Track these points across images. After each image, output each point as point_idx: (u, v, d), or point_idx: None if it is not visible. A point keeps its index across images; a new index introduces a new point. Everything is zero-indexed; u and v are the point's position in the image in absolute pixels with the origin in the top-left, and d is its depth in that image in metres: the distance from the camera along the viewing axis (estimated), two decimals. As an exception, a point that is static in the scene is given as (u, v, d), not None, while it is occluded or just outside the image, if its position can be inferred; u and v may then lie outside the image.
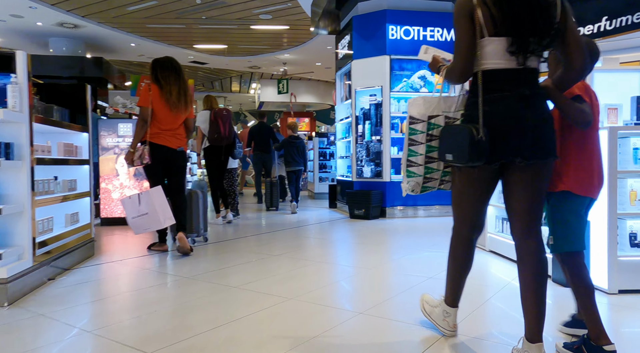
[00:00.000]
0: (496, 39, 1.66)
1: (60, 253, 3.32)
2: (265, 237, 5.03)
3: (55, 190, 3.43)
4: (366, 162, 6.71)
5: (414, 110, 1.88)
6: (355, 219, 6.44)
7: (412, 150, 1.90)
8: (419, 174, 1.93)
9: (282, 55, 13.58)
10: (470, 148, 1.62)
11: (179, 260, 3.84)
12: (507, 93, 1.67)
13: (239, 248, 4.32)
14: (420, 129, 1.87)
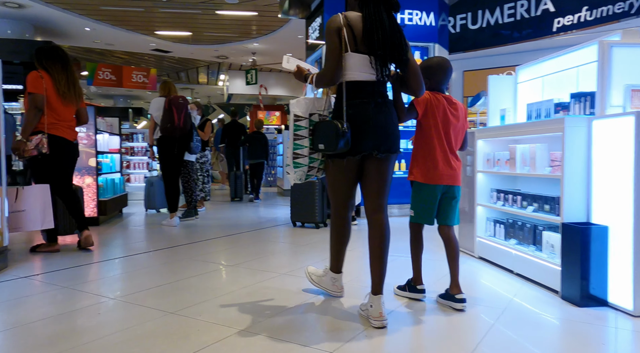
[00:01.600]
0: (356, 54, 2.10)
1: (-50, 270, 2.60)
2: (224, 242, 4.38)
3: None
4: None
5: (299, 109, 2.21)
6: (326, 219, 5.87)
7: (298, 144, 2.22)
8: (304, 164, 2.25)
9: (251, 45, 12.86)
10: (336, 138, 2.02)
11: (113, 274, 3.17)
12: (365, 100, 2.11)
13: (190, 256, 3.66)
14: (304, 125, 2.21)
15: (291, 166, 2.27)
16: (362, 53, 2.10)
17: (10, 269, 3.25)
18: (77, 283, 2.87)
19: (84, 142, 5.24)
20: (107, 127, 6.04)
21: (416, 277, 2.54)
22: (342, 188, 2.30)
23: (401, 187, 6.10)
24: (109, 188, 5.85)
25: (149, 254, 3.82)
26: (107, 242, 4.45)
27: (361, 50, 2.10)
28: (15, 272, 3.17)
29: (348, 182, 2.27)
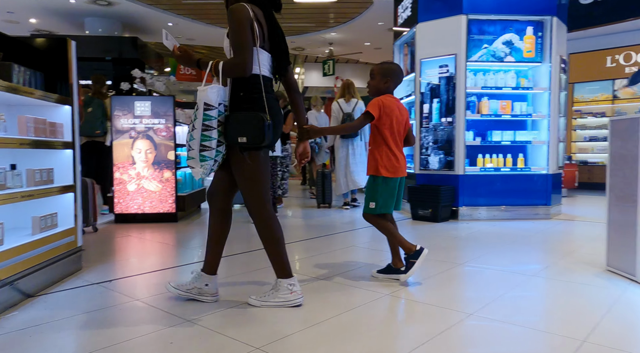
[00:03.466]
0: (263, 51, 2.19)
1: (17, 275, 2.32)
2: (314, 245, 3.88)
3: (12, 183, 2.42)
4: (433, 150, 5.40)
5: (210, 97, 2.07)
6: (420, 221, 5.18)
7: (206, 135, 2.08)
8: (211, 158, 2.12)
9: (328, 34, 12.37)
10: (264, 131, 2.08)
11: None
12: (271, 95, 2.22)
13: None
14: (214, 115, 2.09)
15: (196, 159, 2.11)
16: (266, 51, 2.20)
17: (84, 272, 2.97)
18: (145, 296, 2.49)
19: (162, 134, 5.02)
20: (186, 120, 5.82)
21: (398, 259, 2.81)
22: (263, 182, 2.23)
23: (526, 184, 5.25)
24: (187, 182, 5.62)
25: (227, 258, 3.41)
26: (186, 241, 4.14)
27: (265, 48, 2.19)
28: (88, 276, 2.88)
29: (266, 174, 2.24)
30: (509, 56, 5.29)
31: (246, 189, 2.22)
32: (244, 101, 2.14)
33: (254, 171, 2.19)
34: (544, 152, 5.34)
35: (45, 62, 2.85)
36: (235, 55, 2.06)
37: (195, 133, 2.08)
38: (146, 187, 5.02)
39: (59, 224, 2.86)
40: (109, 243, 3.96)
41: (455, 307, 2.30)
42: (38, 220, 2.61)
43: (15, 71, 2.48)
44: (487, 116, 5.27)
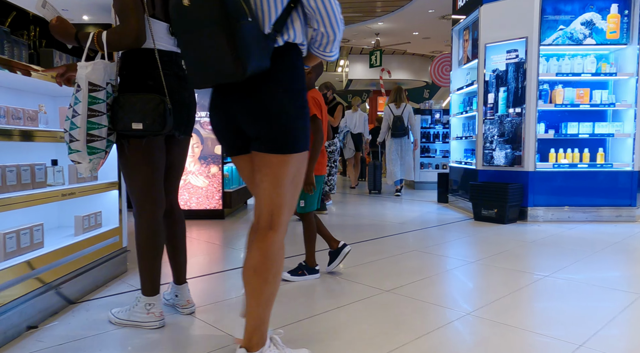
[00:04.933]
0: (156, 21, 1.81)
1: (59, 279, 2.12)
2: (372, 248, 3.54)
3: (53, 181, 2.23)
4: (499, 144, 4.91)
5: (93, 75, 1.70)
6: (483, 222, 4.72)
7: (94, 122, 1.72)
8: (101, 149, 1.78)
9: (375, 24, 11.92)
10: (163, 116, 1.73)
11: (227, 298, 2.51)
12: (167, 71, 1.83)
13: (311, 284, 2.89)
14: (102, 97, 1.73)
15: (84, 152, 1.73)
16: (159, 19, 1.84)
17: (129, 275, 2.77)
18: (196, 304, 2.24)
19: (209, 127, 4.82)
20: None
21: (313, 260, 2.76)
22: (146, 176, 1.87)
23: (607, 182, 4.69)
24: (234, 178, 5.41)
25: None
26: (234, 241, 3.91)
27: (158, 17, 1.83)
28: (133, 280, 2.68)
29: (151, 167, 1.87)
30: (589, 38, 4.70)
31: (126, 186, 1.94)
32: (135, 80, 1.79)
33: (128, 163, 1.86)
34: (629, 146, 4.72)
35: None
36: (121, 22, 1.72)
37: (79, 120, 1.70)
38: (192, 182, 4.85)
39: (103, 223, 2.68)
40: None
41: (563, 335, 1.90)
42: (81, 219, 2.42)
43: (57, 58, 2.28)
44: (561, 106, 4.72)
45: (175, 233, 2.10)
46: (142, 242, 1.92)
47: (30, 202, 1.95)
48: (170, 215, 2.07)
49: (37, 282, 1.96)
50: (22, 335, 1.85)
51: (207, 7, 1.25)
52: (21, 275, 1.87)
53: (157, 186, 1.91)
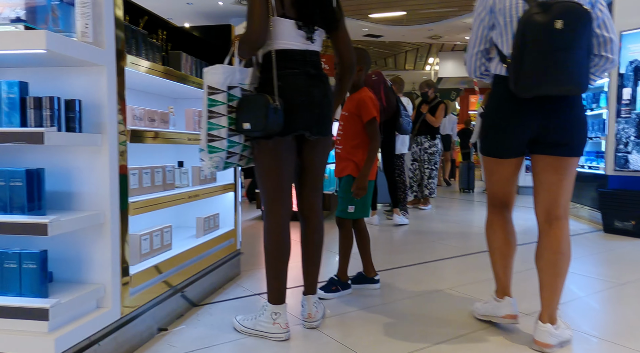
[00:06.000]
0: (285, 20, 1.78)
1: (184, 282, 2.12)
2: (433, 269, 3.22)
3: (179, 182, 2.23)
4: (636, 146, 4.26)
5: (212, 79, 1.77)
6: (616, 235, 4.12)
7: (213, 123, 1.78)
8: (221, 149, 1.80)
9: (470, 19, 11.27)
10: (266, 115, 1.68)
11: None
12: (296, 70, 1.80)
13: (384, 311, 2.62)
14: (221, 99, 1.77)
15: (205, 151, 1.79)
16: (289, 18, 1.78)
17: (243, 278, 2.74)
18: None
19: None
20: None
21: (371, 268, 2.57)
22: (273, 178, 1.86)
23: None
24: (332, 179, 5.32)
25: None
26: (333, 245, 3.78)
27: (288, 15, 1.78)
28: (247, 283, 2.64)
29: (278, 169, 1.85)
30: None
31: (258, 187, 1.94)
32: (263, 81, 1.83)
33: (258, 165, 1.88)
34: None
35: (208, 52, 2.66)
36: (246, 28, 1.76)
37: (202, 121, 1.79)
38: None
39: (220, 225, 2.67)
40: (258, 244, 3.78)
41: None
42: (202, 221, 2.41)
43: (183, 61, 2.28)
44: None
45: (310, 240, 2.00)
46: (268, 245, 1.89)
47: (163, 204, 1.95)
48: (307, 221, 1.99)
49: (165, 284, 1.95)
50: (155, 338, 1.84)
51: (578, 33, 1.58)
52: (153, 278, 1.87)
53: (284, 188, 1.87)
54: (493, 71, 1.85)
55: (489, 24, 1.82)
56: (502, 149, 1.83)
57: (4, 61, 1.52)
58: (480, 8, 1.83)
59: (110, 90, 1.57)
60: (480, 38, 1.86)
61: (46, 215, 1.44)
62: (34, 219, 1.35)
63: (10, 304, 1.36)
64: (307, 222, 2.00)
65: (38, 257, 1.40)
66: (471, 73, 1.95)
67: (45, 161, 1.60)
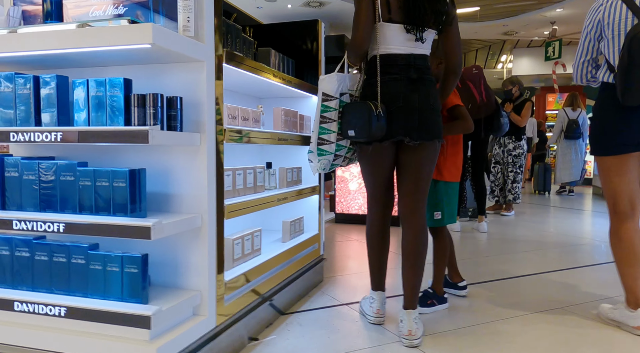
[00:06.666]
0: (391, 24, 1.77)
1: (272, 289, 2.02)
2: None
3: (268, 185, 2.15)
4: None
5: (327, 86, 1.86)
6: None
7: (324, 128, 1.88)
8: (330, 152, 1.91)
9: (551, 12, 10.48)
10: (369, 123, 1.72)
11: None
12: (396, 76, 1.79)
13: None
14: (333, 106, 1.86)
15: (315, 153, 1.89)
16: (395, 22, 1.77)
17: (326, 285, 2.62)
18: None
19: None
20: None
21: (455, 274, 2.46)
22: (370, 180, 1.96)
23: None
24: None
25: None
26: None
27: (395, 19, 1.77)
28: (331, 290, 2.51)
29: (375, 172, 1.93)
30: None
31: None
32: (364, 88, 1.89)
33: (361, 167, 1.99)
34: None
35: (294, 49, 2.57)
36: (351, 37, 1.83)
37: (314, 125, 1.91)
38: (367, 186, 4.66)
39: (304, 230, 2.56)
40: (334, 248, 3.65)
41: None
42: (289, 225, 2.31)
43: (272, 58, 2.20)
44: None
45: (411, 248, 1.88)
46: (367, 239, 2.06)
47: (256, 207, 1.86)
48: (408, 225, 1.90)
49: (255, 291, 1.86)
50: (247, 348, 1.75)
51: None
52: (245, 284, 1.78)
53: (381, 191, 1.97)
54: (601, 79, 1.99)
55: (596, 37, 1.99)
56: (619, 145, 1.90)
57: (103, 59, 1.49)
58: (589, 21, 2.00)
59: (209, 87, 1.50)
60: (586, 49, 2.04)
61: (146, 217, 1.39)
62: (137, 222, 1.29)
63: (112, 309, 1.31)
64: (407, 227, 1.90)
65: (140, 260, 1.35)
66: (578, 79, 2.12)
67: (143, 161, 1.56)
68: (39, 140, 1.36)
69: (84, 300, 1.36)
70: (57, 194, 1.42)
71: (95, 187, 1.38)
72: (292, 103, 2.59)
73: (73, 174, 1.40)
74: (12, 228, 1.40)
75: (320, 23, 2.59)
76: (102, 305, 1.33)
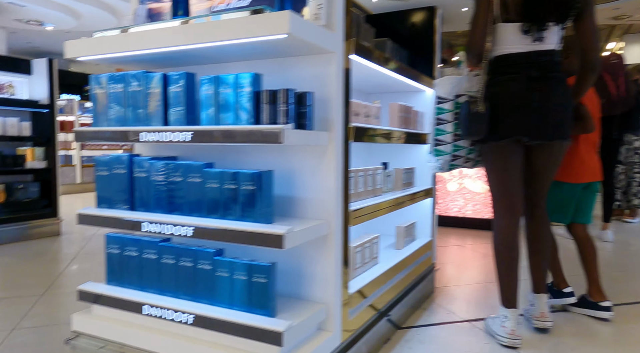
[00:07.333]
0: (508, 24, 1.74)
1: (390, 302, 1.86)
2: None
3: (385, 187, 1.98)
4: None
5: (441, 89, 1.92)
6: None
7: (439, 129, 1.93)
8: (447, 152, 1.95)
9: (675, -11, 9.16)
10: (467, 120, 1.75)
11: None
12: (514, 75, 1.75)
13: None
14: (448, 107, 1.91)
15: (432, 153, 1.97)
16: (514, 21, 1.73)
17: (437, 297, 2.40)
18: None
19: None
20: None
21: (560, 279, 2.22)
22: (493, 182, 1.89)
23: None
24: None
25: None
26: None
27: (513, 19, 1.73)
28: (445, 303, 2.29)
29: (502, 173, 1.84)
30: None
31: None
32: (483, 88, 1.84)
33: (484, 168, 1.93)
34: None
35: (404, 39, 2.37)
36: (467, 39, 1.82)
37: (430, 126, 1.99)
38: (469, 187, 4.32)
39: (416, 236, 2.36)
40: (437, 255, 3.39)
41: None
42: (403, 230, 2.13)
43: (389, 49, 2.02)
44: None
45: (537, 236, 1.94)
46: (496, 247, 1.88)
47: (379, 212, 1.70)
48: (533, 217, 1.94)
49: (373, 304, 1.71)
50: (368, 367, 1.61)
51: None
52: (367, 297, 1.64)
53: (510, 192, 1.86)
54: None
55: None
56: None
57: (228, 54, 1.41)
58: None
59: (338, 81, 1.36)
60: None
61: (272, 222, 1.29)
62: (268, 229, 1.19)
63: (241, 321, 1.22)
64: (530, 217, 1.95)
65: (268, 270, 1.25)
66: None
67: (267, 161, 1.47)
68: (167, 141, 1.32)
69: (211, 309, 1.29)
70: (184, 196, 1.37)
71: (222, 189, 1.31)
72: (402, 97, 2.40)
73: (201, 175, 1.34)
74: (141, 230, 1.37)
75: (437, 9, 2.37)
76: (231, 316, 1.25)
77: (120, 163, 1.47)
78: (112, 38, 1.39)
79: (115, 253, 1.49)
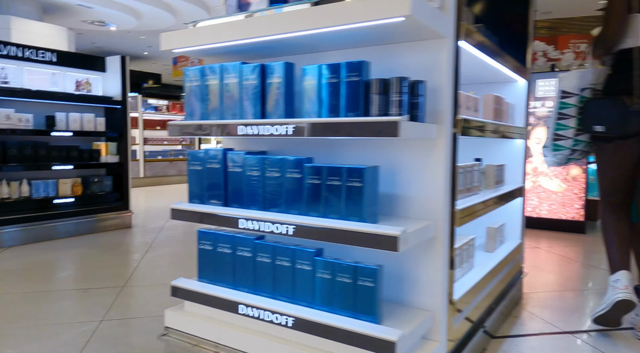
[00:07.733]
0: None
1: (486, 309, 1.72)
2: None
3: (480, 185, 1.84)
4: None
5: (567, 83, 1.88)
6: None
7: (561, 124, 1.90)
8: (566, 147, 1.93)
9: None
10: (625, 119, 1.69)
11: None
12: None
13: None
14: (573, 102, 1.87)
15: (549, 148, 1.96)
16: None
17: (528, 303, 2.22)
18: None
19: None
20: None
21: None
22: (606, 178, 1.89)
23: None
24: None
25: None
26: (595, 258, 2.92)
27: None
28: (536, 311, 2.11)
29: (614, 171, 1.85)
30: None
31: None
32: (609, 82, 1.81)
33: (598, 163, 1.90)
34: None
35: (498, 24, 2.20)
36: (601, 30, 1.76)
37: (550, 121, 1.95)
38: (545, 186, 4.05)
39: (505, 239, 2.20)
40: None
41: None
42: (494, 232, 1.98)
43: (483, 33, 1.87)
44: None
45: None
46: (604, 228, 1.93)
47: (481, 211, 1.57)
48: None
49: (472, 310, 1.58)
50: (469, 380, 1.49)
51: None
52: (470, 302, 1.51)
53: (617, 190, 1.87)
54: None
55: None
56: None
57: (331, 41, 1.33)
58: None
59: (449, 70, 1.25)
60: None
61: (377, 222, 1.20)
62: (381, 229, 1.10)
63: (347, 327, 1.14)
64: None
65: (376, 273, 1.16)
66: None
67: (368, 156, 1.38)
68: (268, 134, 1.25)
69: (313, 312, 1.22)
70: (282, 192, 1.31)
71: (324, 185, 1.23)
72: (492, 88, 2.24)
73: (300, 171, 1.27)
74: (237, 227, 1.32)
75: (531, -7, 2.18)
76: (336, 320, 1.17)
77: (214, 158, 1.43)
78: (215, 27, 1.34)
79: (207, 250, 1.46)
